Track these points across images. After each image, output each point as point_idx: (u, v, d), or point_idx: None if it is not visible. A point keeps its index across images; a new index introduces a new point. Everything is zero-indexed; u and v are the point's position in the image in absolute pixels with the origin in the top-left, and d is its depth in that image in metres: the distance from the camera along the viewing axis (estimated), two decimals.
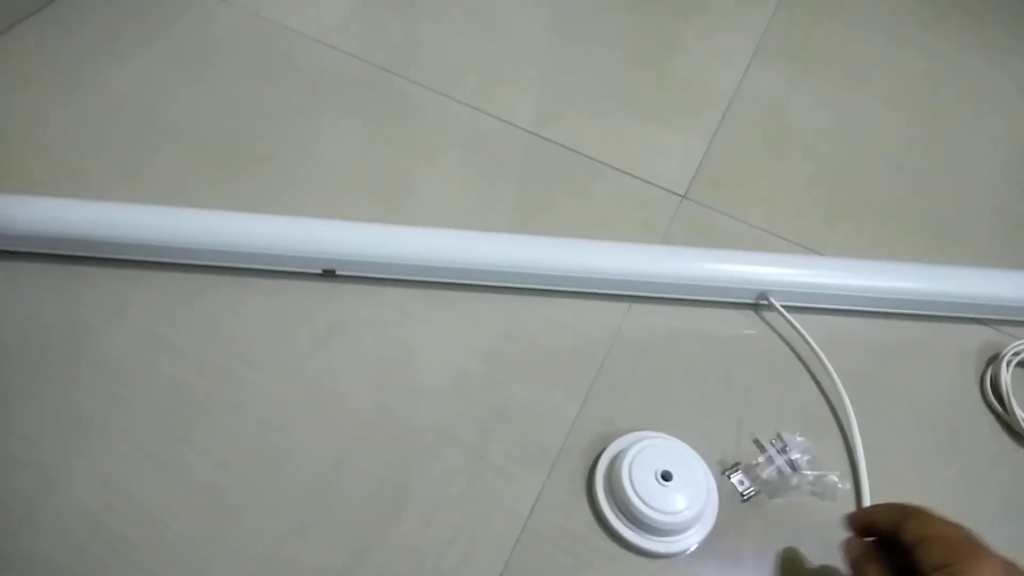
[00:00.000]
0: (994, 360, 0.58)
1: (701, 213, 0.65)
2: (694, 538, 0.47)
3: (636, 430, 0.51)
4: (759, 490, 0.49)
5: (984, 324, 0.61)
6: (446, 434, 0.51)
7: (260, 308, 0.55)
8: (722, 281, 0.57)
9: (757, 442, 0.50)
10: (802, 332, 0.57)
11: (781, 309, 0.57)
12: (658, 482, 0.46)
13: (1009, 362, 0.57)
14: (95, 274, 0.55)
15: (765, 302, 0.58)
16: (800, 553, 0.48)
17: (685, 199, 0.66)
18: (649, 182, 0.67)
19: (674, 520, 0.45)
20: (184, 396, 0.51)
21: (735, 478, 0.49)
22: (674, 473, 0.47)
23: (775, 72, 0.79)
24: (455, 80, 0.72)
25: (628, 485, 0.46)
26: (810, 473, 0.48)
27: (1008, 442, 0.55)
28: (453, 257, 0.56)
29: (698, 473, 0.48)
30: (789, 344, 0.58)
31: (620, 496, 0.46)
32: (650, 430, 0.51)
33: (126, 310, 0.54)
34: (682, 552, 0.47)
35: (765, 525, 0.49)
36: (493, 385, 0.53)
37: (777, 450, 0.49)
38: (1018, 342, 0.58)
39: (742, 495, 0.49)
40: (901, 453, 0.53)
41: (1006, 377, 0.57)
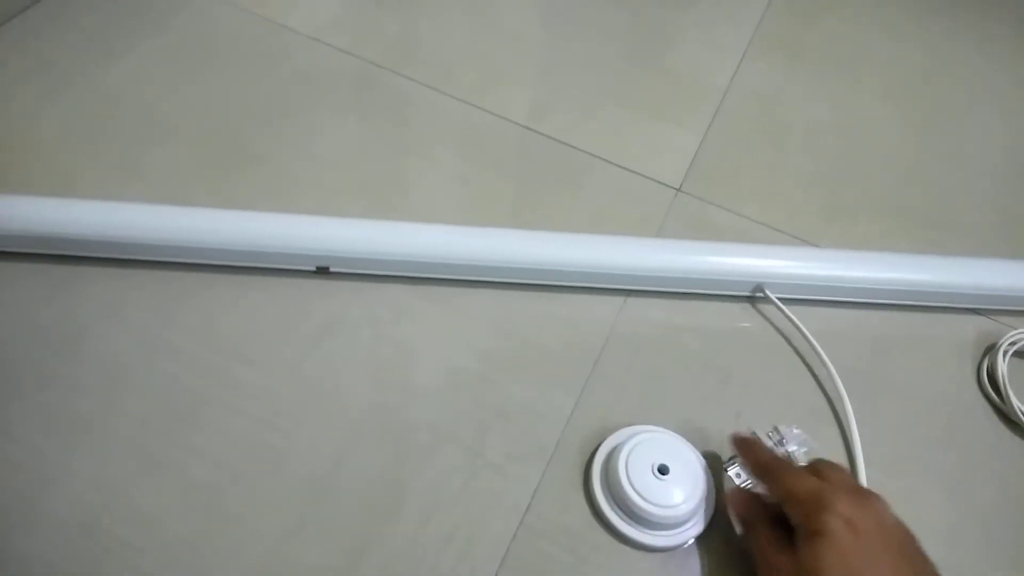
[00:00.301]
0: (990, 350, 0.58)
1: (696, 206, 0.65)
2: (692, 531, 0.47)
3: (632, 424, 0.51)
4: (756, 482, 0.49)
5: (980, 314, 0.61)
6: (442, 431, 0.51)
7: (255, 306, 0.55)
8: (718, 274, 0.57)
9: (753, 434, 0.50)
10: (798, 324, 0.56)
11: (777, 302, 0.57)
12: (655, 476, 0.46)
13: (1005, 352, 0.57)
14: (90, 274, 0.55)
15: (761, 295, 0.58)
16: None
17: (680, 192, 0.66)
18: (644, 176, 0.67)
19: (671, 514, 0.45)
20: (180, 396, 0.50)
21: (732, 471, 0.49)
22: (671, 467, 0.47)
23: (769, 65, 0.78)
24: (450, 76, 0.72)
25: (625, 479, 0.46)
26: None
27: (1005, 431, 0.55)
28: (447, 253, 0.56)
29: (695, 466, 0.48)
30: (785, 337, 0.58)
31: (617, 491, 0.46)
32: (646, 424, 0.51)
33: (121, 310, 0.54)
34: (680, 545, 0.47)
35: None
36: (489, 381, 0.53)
37: (774, 442, 0.49)
38: (1014, 331, 0.58)
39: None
40: (898, 444, 0.53)
41: (1002, 367, 0.56)
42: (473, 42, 0.76)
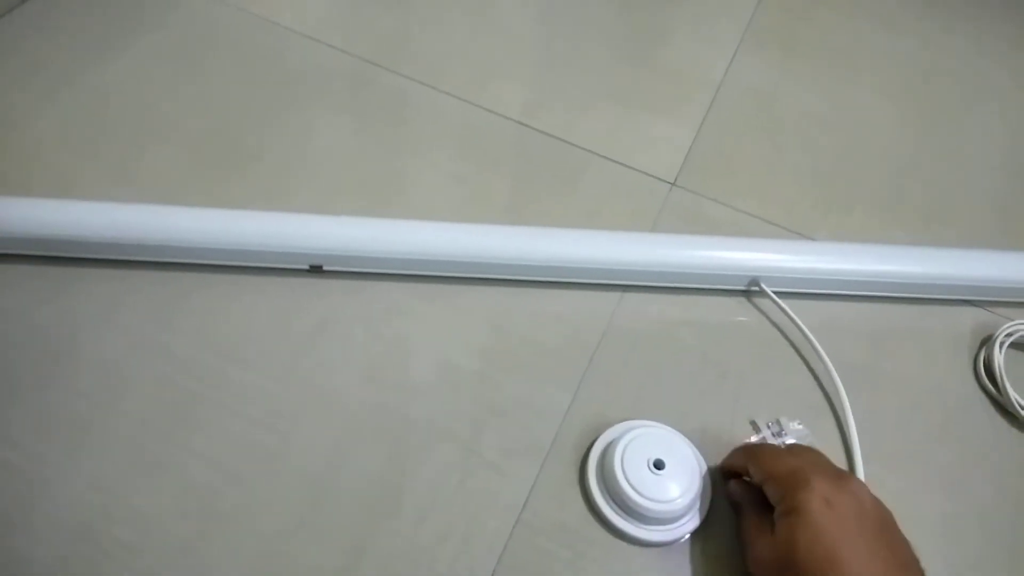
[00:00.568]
0: (987, 341, 0.58)
1: (691, 201, 0.65)
2: (689, 526, 0.47)
3: (629, 420, 0.51)
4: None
5: (976, 306, 0.61)
6: (438, 429, 0.51)
7: (250, 306, 0.55)
8: (713, 268, 0.57)
9: (754, 423, 0.50)
10: (794, 318, 0.56)
11: (772, 295, 0.57)
12: (651, 471, 0.46)
13: (1002, 343, 0.57)
14: (86, 275, 0.55)
15: (756, 288, 0.58)
16: None
17: (675, 187, 0.66)
18: (639, 171, 0.67)
19: (668, 508, 0.45)
20: (177, 397, 0.50)
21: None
22: (667, 461, 0.47)
23: (764, 59, 0.78)
24: (444, 73, 0.72)
25: (621, 475, 0.46)
26: None
27: (1002, 423, 0.55)
28: (441, 250, 0.56)
29: (691, 460, 0.48)
30: (781, 330, 0.58)
31: (613, 486, 0.46)
32: (643, 419, 0.51)
33: (118, 311, 0.54)
34: (677, 540, 0.47)
35: None
36: (484, 379, 0.53)
37: (773, 433, 0.49)
38: (1010, 323, 0.58)
39: None
40: (896, 437, 0.53)
41: (999, 358, 0.56)
42: (467, 39, 0.76)
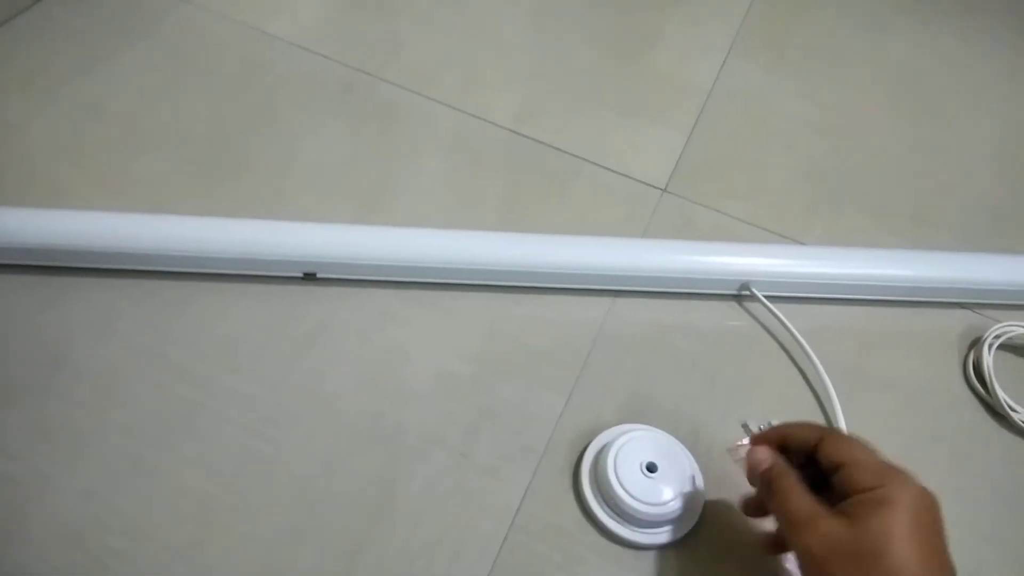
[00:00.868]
0: (976, 343, 0.59)
1: (682, 206, 0.65)
2: (683, 528, 0.47)
3: (622, 424, 0.51)
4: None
5: (966, 308, 0.61)
6: (432, 435, 0.51)
7: (243, 314, 0.55)
8: (704, 273, 0.58)
9: (745, 426, 0.50)
10: (785, 322, 0.57)
11: (763, 299, 0.57)
12: (643, 474, 0.46)
13: (991, 345, 0.58)
14: (80, 285, 0.55)
15: (747, 293, 0.58)
16: None
17: (666, 193, 0.66)
18: (630, 177, 0.67)
19: (661, 511, 0.46)
20: (171, 405, 0.50)
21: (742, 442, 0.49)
22: (659, 464, 0.47)
23: (753, 64, 0.79)
24: (434, 80, 0.72)
25: (613, 478, 0.46)
26: None
27: (992, 424, 0.56)
28: (434, 257, 0.56)
29: (684, 463, 0.48)
30: (772, 334, 0.58)
31: (606, 490, 0.47)
32: (636, 424, 0.51)
33: (112, 320, 0.54)
34: (671, 542, 0.47)
35: None
36: (478, 384, 0.53)
37: None
38: (999, 325, 0.59)
39: None
40: (886, 439, 0.53)
41: (988, 360, 0.57)
42: (457, 46, 0.77)
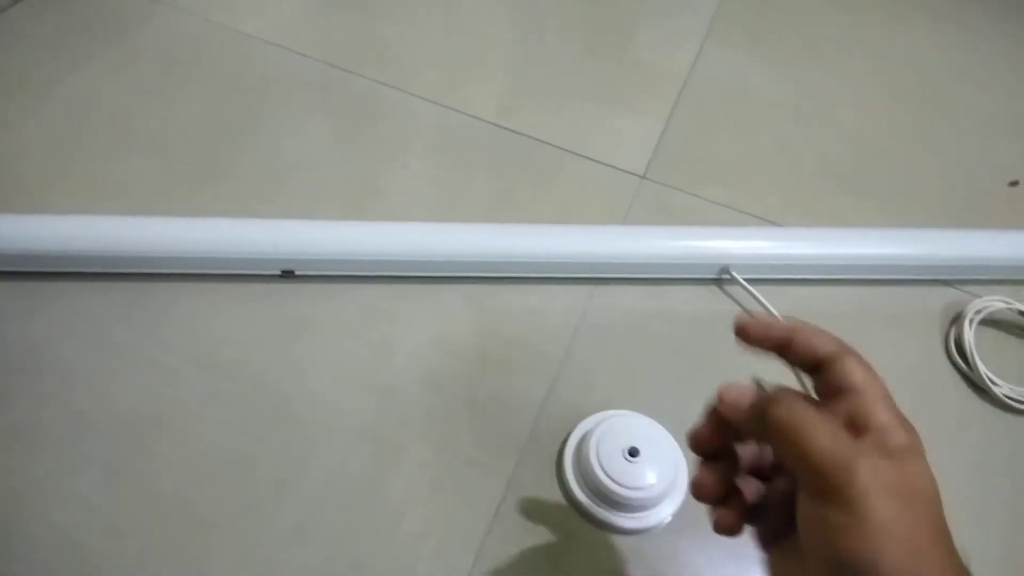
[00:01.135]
0: (957, 319, 0.59)
1: (661, 193, 0.65)
2: (666, 511, 0.47)
3: (604, 411, 0.51)
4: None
5: (947, 285, 0.61)
6: (414, 428, 0.51)
7: (221, 313, 0.55)
8: (683, 258, 0.58)
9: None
10: (765, 304, 0.57)
11: (743, 282, 0.57)
12: (625, 459, 0.46)
13: (972, 320, 0.58)
14: (53, 288, 0.55)
15: (728, 276, 0.58)
16: None
17: (644, 180, 0.66)
18: (609, 165, 0.67)
19: (644, 496, 0.46)
20: (149, 406, 0.50)
21: None
22: (641, 448, 0.47)
23: (729, 50, 0.79)
24: (414, 76, 0.72)
25: (596, 464, 0.46)
26: None
27: (974, 399, 0.56)
28: (413, 250, 0.56)
29: (667, 447, 0.48)
30: (753, 316, 0.58)
31: (589, 476, 0.47)
32: (619, 409, 0.51)
33: (86, 323, 0.54)
34: (656, 526, 0.47)
35: None
36: (459, 376, 0.53)
37: None
38: (979, 300, 0.59)
39: None
40: None
41: (969, 335, 0.57)
42: (436, 41, 0.77)
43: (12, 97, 0.67)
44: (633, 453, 0.47)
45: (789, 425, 0.28)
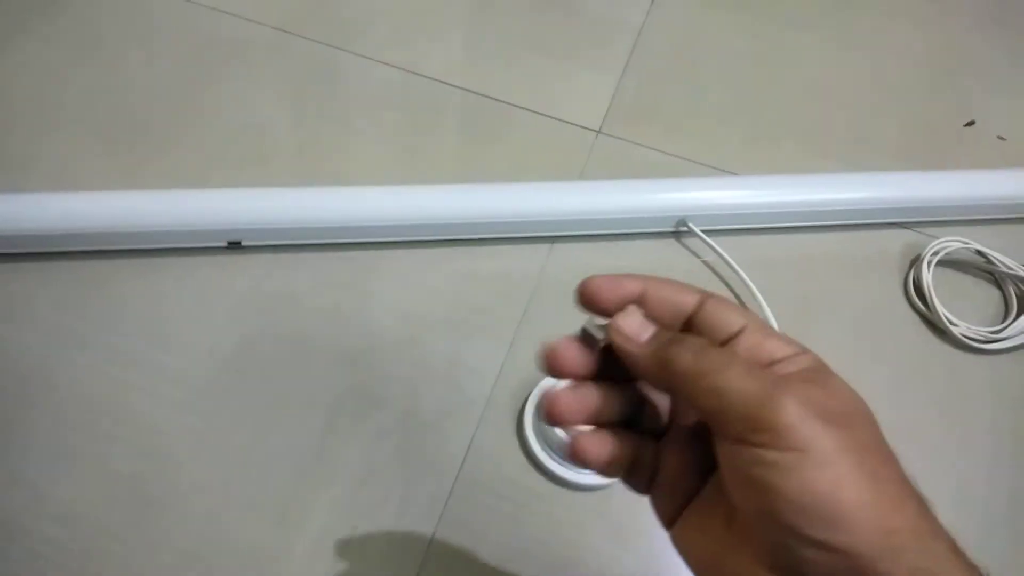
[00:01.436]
0: (916, 262, 0.59)
1: (618, 147, 0.64)
2: None
3: None
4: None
5: (904, 227, 0.61)
6: (372, 396, 0.50)
7: (168, 289, 0.53)
8: (640, 211, 0.57)
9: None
10: (723, 255, 0.56)
11: (701, 234, 0.57)
12: None
13: (930, 262, 0.58)
14: None
15: (685, 228, 0.58)
16: None
17: (600, 134, 0.65)
18: (564, 120, 0.66)
19: None
20: (97, 387, 0.49)
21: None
22: None
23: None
24: (357, 35, 0.70)
25: None
26: None
27: (934, 340, 0.56)
28: (363, 216, 0.54)
29: None
30: (712, 268, 0.58)
31: (548, 434, 0.46)
32: None
33: (28, 306, 0.52)
34: (616, 482, 0.47)
35: None
36: (416, 342, 0.52)
37: None
38: (937, 241, 0.59)
39: None
40: (830, 363, 0.53)
41: (927, 277, 0.57)
42: (383, 0, 0.74)
43: None
44: None
45: (698, 368, 0.24)
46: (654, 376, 0.26)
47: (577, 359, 0.28)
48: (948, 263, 0.59)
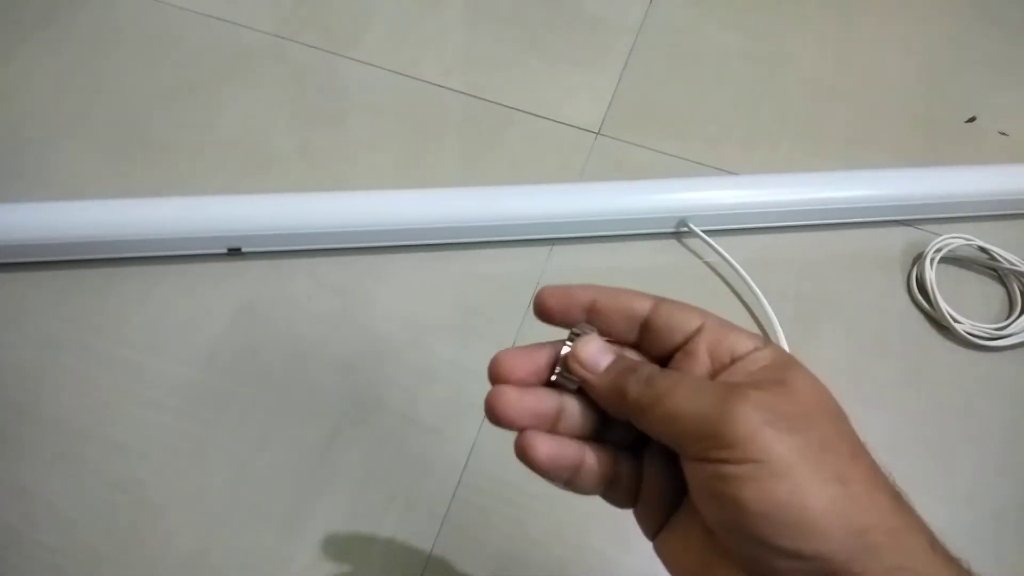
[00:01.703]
0: (919, 259, 0.58)
1: (617, 148, 0.64)
2: None
3: None
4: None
5: (906, 225, 0.61)
6: (373, 401, 0.50)
7: (166, 296, 0.53)
8: (640, 212, 0.57)
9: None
10: (724, 255, 0.56)
11: (702, 234, 0.57)
12: None
13: (932, 259, 0.57)
14: None
15: (686, 229, 0.57)
16: None
17: (600, 136, 0.65)
18: (562, 123, 0.65)
19: None
20: (95, 394, 0.49)
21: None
22: None
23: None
24: (352, 39, 0.70)
25: None
26: None
27: (937, 338, 0.55)
28: (363, 221, 0.54)
29: None
30: (714, 268, 0.57)
31: None
32: None
33: (26, 315, 0.52)
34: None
35: None
36: (416, 346, 0.52)
37: None
38: (939, 238, 0.58)
39: None
40: (834, 363, 0.53)
41: (930, 274, 0.57)
42: (374, 2, 0.74)
43: None
44: None
45: (648, 396, 0.24)
46: (612, 407, 0.26)
47: (523, 365, 0.27)
48: (951, 260, 0.58)
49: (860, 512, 0.21)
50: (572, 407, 0.27)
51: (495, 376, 0.27)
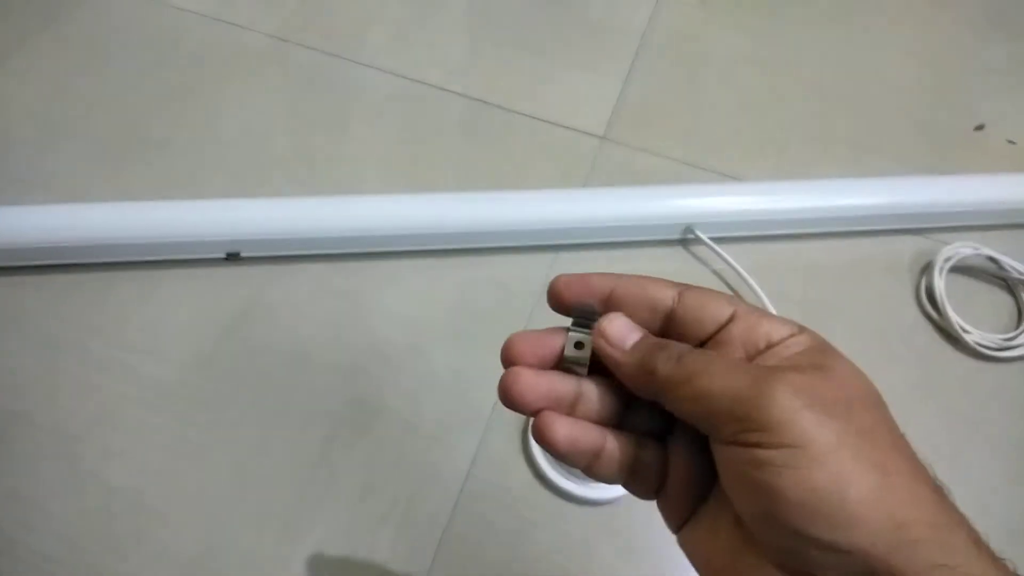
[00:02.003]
0: (927, 268, 0.58)
1: (622, 153, 0.63)
2: None
3: None
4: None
5: (915, 233, 0.60)
6: (374, 407, 0.49)
7: (165, 301, 0.52)
8: (645, 219, 0.56)
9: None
10: (731, 262, 0.55)
11: (708, 241, 0.56)
12: None
13: (941, 268, 0.57)
14: None
15: (692, 236, 0.57)
16: None
17: (604, 140, 0.64)
18: (567, 127, 0.65)
19: None
20: (94, 399, 0.48)
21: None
22: None
23: (686, 3, 0.76)
24: (355, 42, 0.69)
25: None
26: None
27: (946, 347, 0.55)
28: (364, 225, 0.53)
29: None
30: (720, 276, 0.57)
31: None
32: None
33: (25, 318, 0.51)
34: (624, 494, 0.46)
35: None
36: (418, 352, 0.51)
37: None
38: (949, 247, 0.58)
39: None
40: None
41: (939, 284, 0.56)
42: (377, 5, 0.73)
43: None
44: None
45: (680, 374, 0.23)
46: (640, 385, 0.24)
47: (538, 348, 0.26)
48: (960, 269, 0.58)
49: (900, 505, 0.20)
50: (591, 392, 0.25)
51: (509, 358, 0.26)
